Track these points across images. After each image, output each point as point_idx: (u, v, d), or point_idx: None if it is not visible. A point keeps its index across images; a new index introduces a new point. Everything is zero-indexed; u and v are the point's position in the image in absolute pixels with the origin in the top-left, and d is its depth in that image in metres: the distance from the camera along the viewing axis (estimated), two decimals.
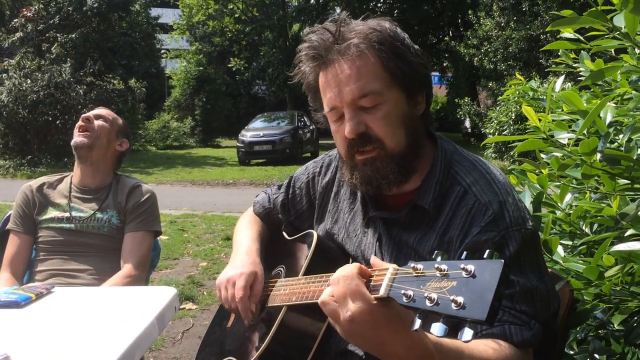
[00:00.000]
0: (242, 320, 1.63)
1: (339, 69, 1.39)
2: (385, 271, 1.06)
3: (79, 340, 1.49)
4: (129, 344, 1.41)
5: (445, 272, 0.95)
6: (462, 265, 0.92)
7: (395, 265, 1.06)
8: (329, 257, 1.57)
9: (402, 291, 0.99)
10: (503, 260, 0.90)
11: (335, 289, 1.08)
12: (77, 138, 2.68)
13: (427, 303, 0.94)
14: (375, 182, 1.42)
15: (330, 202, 1.70)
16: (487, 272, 0.90)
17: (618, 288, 1.48)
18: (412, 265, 1.01)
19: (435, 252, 1.00)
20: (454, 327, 0.92)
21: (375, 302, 1.03)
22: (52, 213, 2.66)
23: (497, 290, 0.88)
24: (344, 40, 1.39)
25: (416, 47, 1.45)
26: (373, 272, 1.10)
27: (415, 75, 1.41)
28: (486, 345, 1.21)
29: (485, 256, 0.92)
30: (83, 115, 2.74)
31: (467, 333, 0.89)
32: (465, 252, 0.96)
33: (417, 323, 0.96)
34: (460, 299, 0.90)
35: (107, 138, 2.73)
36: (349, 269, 1.08)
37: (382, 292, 1.03)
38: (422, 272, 0.99)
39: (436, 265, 0.96)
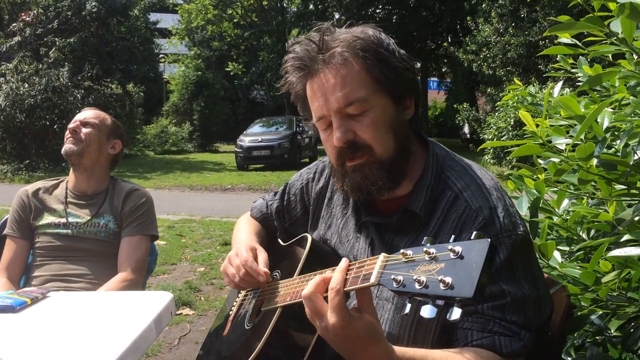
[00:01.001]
0: (238, 326, 1.63)
1: (324, 78, 1.40)
2: (376, 259, 1.10)
3: (75, 344, 1.49)
4: (126, 347, 1.41)
5: (433, 255, 0.97)
6: (449, 247, 0.95)
7: (385, 253, 1.10)
8: (324, 258, 1.57)
9: (392, 276, 1.02)
10: (489, 240, 0.92)
11: (312, 304, 1.16)
12: (66, 145, 2.67)
13: (416, 286, 0.96)
14: (365, 188, 1.42)
15: (323, 208, 1.71)
16: (473, 251, 0.92)
17: (615, 294, 1.48)
18: (402, 251, 1.03)
19: (425, 238, 1.02)
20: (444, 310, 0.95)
21: (350, 318, 1.11)
22: (48, 219, 2.65)
23: (484, 269, 0.89)
24: (328, 49, 1.40)
25: (402, 51, 1.45)
26: (364, 262, 1.14)
27: (401, 80, 1.42)
28: (471, 355, 1.23)
29: (472, 237, 0.95)
30: (70, 126, 2.70)
31: (456, 312, 0.91)
32: (453, 236, 0.99)
33: (407, 307, 0.99)
34: (448, 279, 0.92)
35: (97, 144, 2.70)
36: (336, 280, 1.14)
37: (372, 279, 1.07)
38: (411, 257, 1.01)
39: (425, 249, 0.99)
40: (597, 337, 1.69)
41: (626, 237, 1.41)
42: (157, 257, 3.12)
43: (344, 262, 1.18)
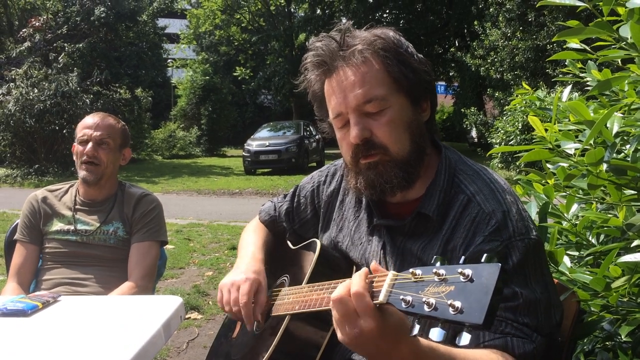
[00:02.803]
0: (247, 330, 1.63)
1: (343, 76, 1.41)
2: (385, 277, 1.07)
3: (86, 348, 1.49)
4: (136, 352, 1.41)
5: (443, 276, 0.95)
6: (459, 270, 0.93)
7: (394, 272, 1.07)
8: (333, 265, 1.57)
9: (401, 296, 0.99)
10: (500, 264, 0.90)
11: (343, 307, 1.09)
12: (84, 173, 2.64)
13: (426, 308, 0.94)
14: (379, 186, 1.43)
15: (335, 211, 1.71)
16: (484, 276, 0.90)
17: (625, 299, 1.47)
18: (411, 270, 1.01)
19: (435, 257, 1.00)
20: (454, 331, 0.92)
21: (384, 316, 1.05)
22: (57, 225, 2.66)
23: (494, 294, 0.87)
24: (349, 47, 1.42)
25: (420, 55, 1.47)
26: (373, 278, 1.11)
27: (419, 81, 1.43)
28: (486, 356, 1.22)
29: (482, 260, 0.93)
30: (87, 151, 2.62)
31: (465, 338, 0.90)
32: (463, 257, 0.97)
33: (416, 329, 0.97)
34: (457, 304, 0.90)
35: (113, 163, 2.69)
36: (357, 285, 1.08)
37: (381, 298, 1.04)
38: (420, 278, 0.99)
39: (434, 270, 0.97)
40: (607, 343, 1.68)
41: (636, 242, 1.41)
42: (166, 261, 3.12)
43: (363, 270, 1.12)
